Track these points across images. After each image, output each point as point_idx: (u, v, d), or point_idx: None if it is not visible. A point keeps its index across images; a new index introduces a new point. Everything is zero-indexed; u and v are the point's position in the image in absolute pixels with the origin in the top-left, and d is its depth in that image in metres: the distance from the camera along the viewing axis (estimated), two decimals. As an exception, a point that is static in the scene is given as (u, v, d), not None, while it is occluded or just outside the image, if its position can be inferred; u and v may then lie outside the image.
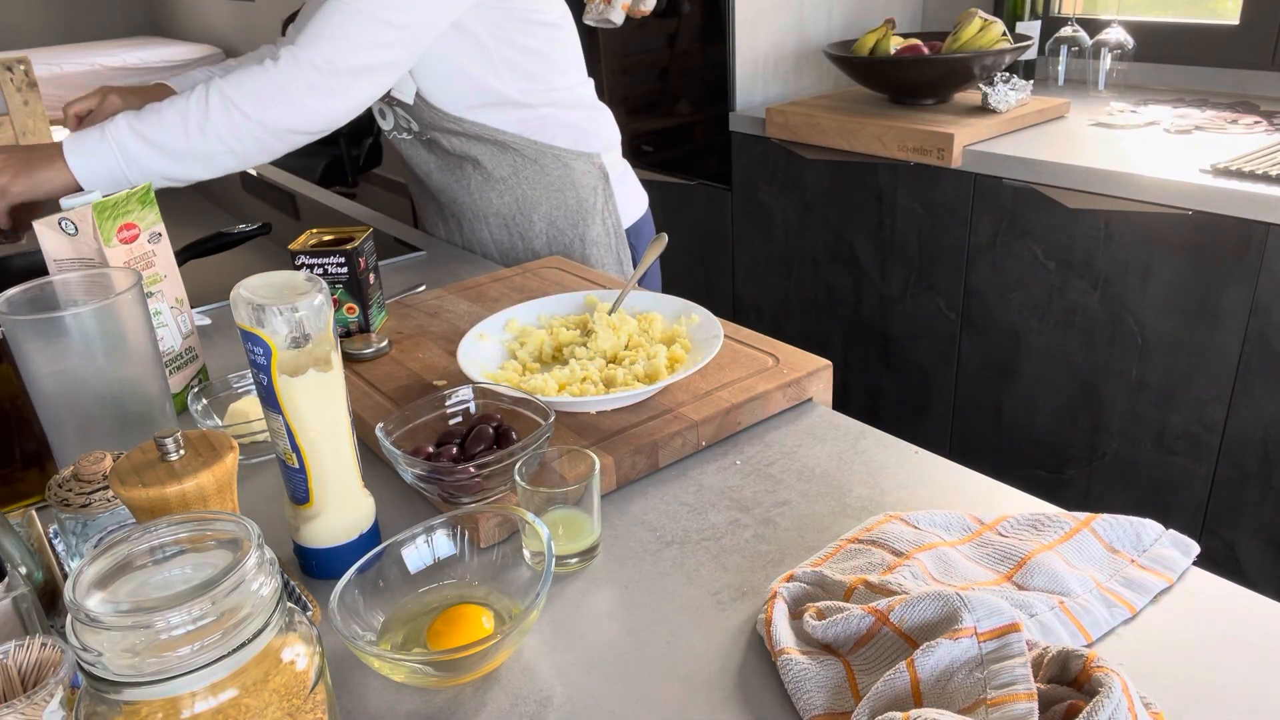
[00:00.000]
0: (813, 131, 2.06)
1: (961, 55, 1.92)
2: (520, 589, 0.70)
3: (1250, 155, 1.61)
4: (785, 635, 0.63)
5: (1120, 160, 1.67)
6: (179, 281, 1.03)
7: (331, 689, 0.53)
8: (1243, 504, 1.63)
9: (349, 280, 1.08)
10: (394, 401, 0.95)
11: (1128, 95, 2.14)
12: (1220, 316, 1.57)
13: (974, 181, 1.84)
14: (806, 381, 0.96)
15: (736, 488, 0.84)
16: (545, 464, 0.77)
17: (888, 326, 2.11)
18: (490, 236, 1.44)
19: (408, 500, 0.85)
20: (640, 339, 0.99)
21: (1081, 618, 0.64)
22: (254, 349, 0.66)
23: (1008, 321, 1.87)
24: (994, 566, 0.69)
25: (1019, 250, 1.81)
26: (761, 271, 2.37)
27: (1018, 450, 1.95)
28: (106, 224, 0.93)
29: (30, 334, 0.78)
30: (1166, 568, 0.69)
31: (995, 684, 0.53)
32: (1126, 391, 1.72)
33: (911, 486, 0.82)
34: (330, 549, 0.73)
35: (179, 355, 1.02)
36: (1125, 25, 2.16)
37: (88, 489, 0.70)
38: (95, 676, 0.44)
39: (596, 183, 1.43)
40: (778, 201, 2.26)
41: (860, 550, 0.71)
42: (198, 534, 0.50)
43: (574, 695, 0.63)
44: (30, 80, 2.28)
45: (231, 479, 0.64)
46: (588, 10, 1.37)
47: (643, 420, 0.88)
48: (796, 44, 2.34)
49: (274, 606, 0.48)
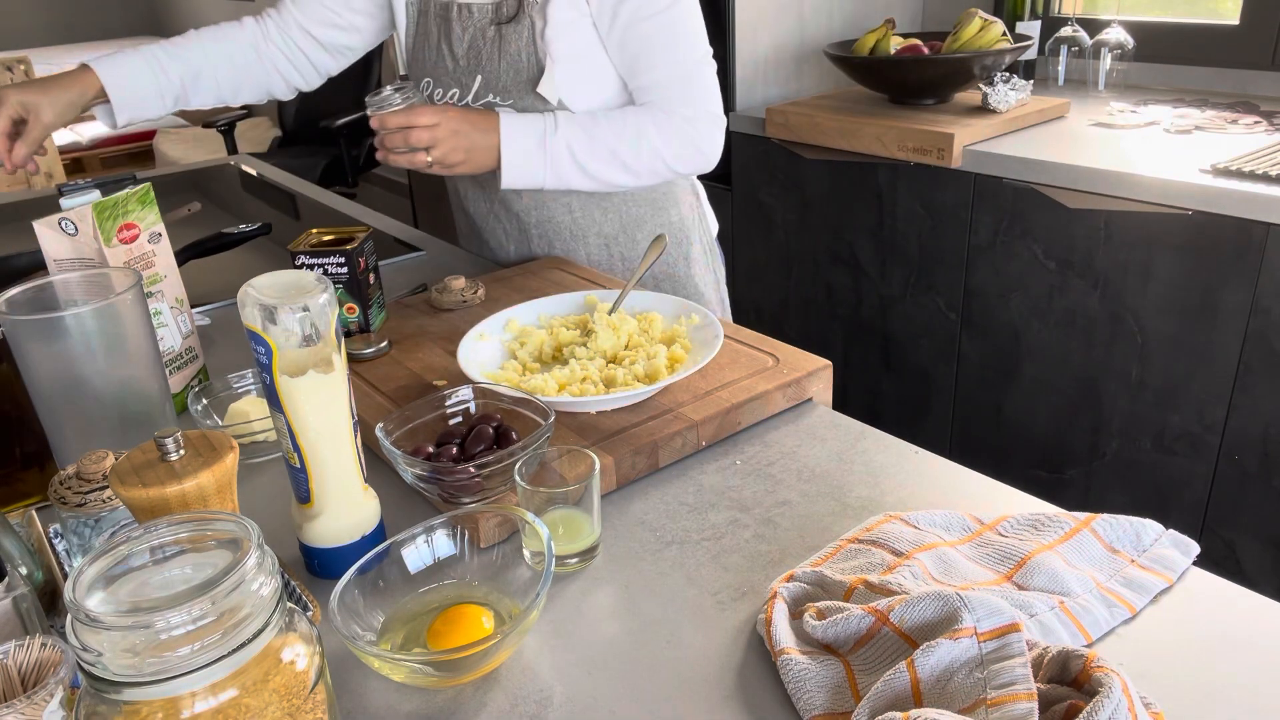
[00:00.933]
0: (813, 131, 2.06)
1: (961, 55, 1.92)
2: (520, 589, 0.70)
3: (1250, 155, 1.61)
4: (785, 635, 0.63)
5: (1120, 160, 1.67)
6: (179, 281, 1.03)
7: (331, 689, 0.53)
8: (1243, 504, 1.63)
9: (349, 280, 1.08)
10: (394, 401, 0.95)
11: (1128, 95, 2.14)
12: (1220, 316, 1.57)
13: (974, 181, 1.84)
14: (806, 381, 0.96)
15: (736, 488, 0.84)
16: (545, 464, 0.77)
17: (888, 326, 2.11)
18: (588, 257, 1.36)
19: (408, 500, 0.85)
20: (640, 339, 0.99)
21: (1081, 618, 0.64)
22: (257, 348, 0.66)
23: (1008, 321, 1.87)
24: (994, 566, 0.69)
25: (1019, 250, 1.81)
26: (761, 271, 2.37)
27: (1018, 450, 1.95)
28: (106, 224, 0.93)
29: (30, 334, 0.78)
30: (1166, 568, 0.69)
31: (995, 684, 0.53)
32: (1126, 391, 1.73)
33: (911, 486, 0.82)
34: (333, 549, 0.73)
35: (179, 355, 1.02)
36: (1125, 25, 2.16)
37: (88, 488, 0.70)
38: (95, 676, 0.44)
39: (692, 199, 1.41)
40: (778, 201, 2.26)
41: (860, 550, 0.71)
42: (198, 534, 0.50)
43: (574, 695, 0.63)
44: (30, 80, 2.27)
45: (231, 479, 0.64)
46: None
47: (643, 420, 0.88)
48: (797, 44, 2.34)
49: (274, 606, 0.48)
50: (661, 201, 1.36)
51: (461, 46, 1.25)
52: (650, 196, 1.35)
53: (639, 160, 1.21)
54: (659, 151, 1.21)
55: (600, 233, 1.35)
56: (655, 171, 1.24)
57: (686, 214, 1.39)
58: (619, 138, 1.20)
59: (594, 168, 1.21)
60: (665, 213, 1.36)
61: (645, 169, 1.23)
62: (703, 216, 1.43)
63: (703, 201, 1.45)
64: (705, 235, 1.43)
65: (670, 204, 1.36)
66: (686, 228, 1.39)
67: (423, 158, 1.14)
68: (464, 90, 1.26)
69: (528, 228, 1.36)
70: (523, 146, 1.17)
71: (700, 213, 1.43)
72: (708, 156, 1.25)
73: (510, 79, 1.22)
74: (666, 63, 1.21)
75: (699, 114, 1.23)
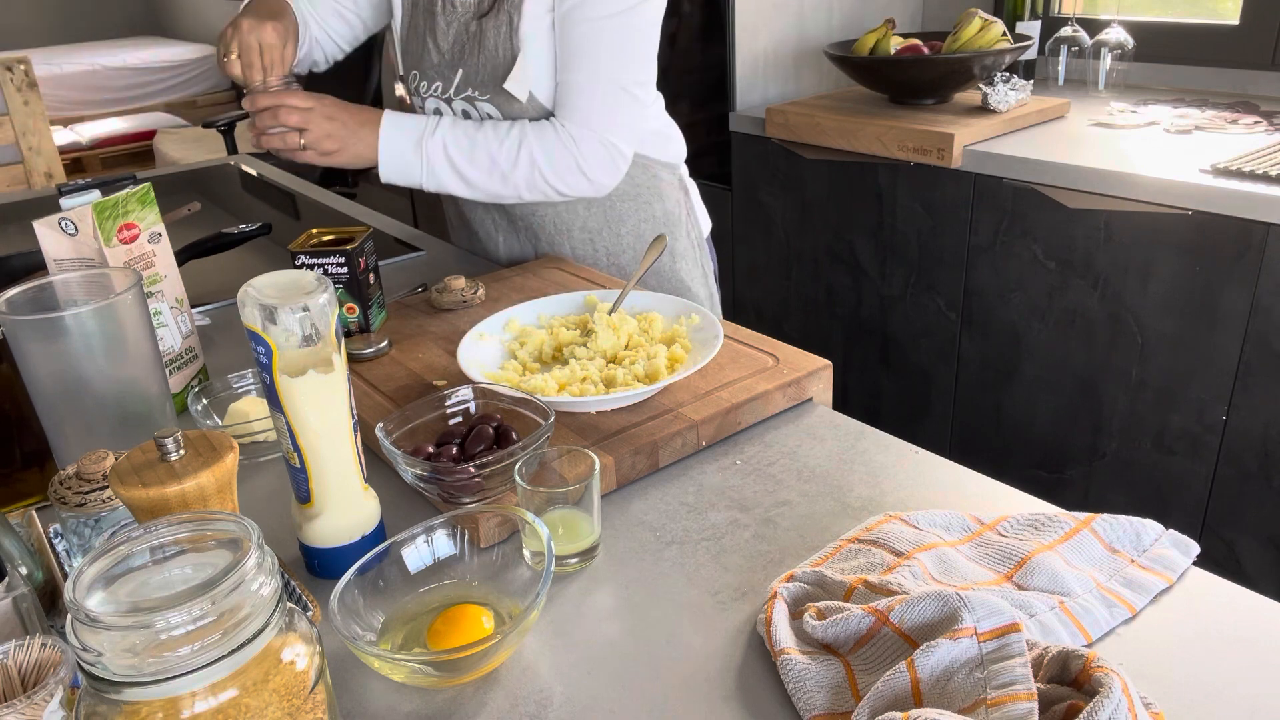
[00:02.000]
0: (813, 131, 2.06)
1: (961, 55, 1.92)
2: (520, 589, 0.70)
3: (1250, 155, 1.61)
4: (785, 635, 0.63)
5: (1120, 160, 1.67)
6: (179, 281, 1.03)
7: (331, 689, 0.53)
8: (1243, 504, 1.63)
9: (349, 280, 1.08)
10: (394, 401, 0.95)
11: (1128, 95, 2.14)
12: (1220, 316, 1.57)
13: (974, 181, 1.84)
14: (806, 381, 0.96)
15: (736, 488, 0.84)
16: (545, 464, 0.77)
17: (888, 326, 2.11)
18: (572, 251, 1.38)
19: (408, 500, 0.85)
20: (640, 339, 0.99)
21: (1081, 618, 0.64)
22: (257, 348, 0.66)
23: (1008, 321, 1.87)
24: (994, 566, 0.69)
25: (1019, 250, 1.81)
26: (761, 271, 2.37)
27: (1018, 450, 1.95)
28: (106, 224, 0.93)
29: (30, 334, 0.78)
30: (1166, 568, 0.69)
31: (995, 684, 0.53)
32: (1126, 391, 1.73)
33: (911, 486, 0.82)
34: (332, 549, 0.73)
35: (179, 355, 1.02)
36: (1125, 25, 2.16)
37: (88, 488, 0.70)
38: (95, 676, 0.44)
39: (679, 195, 1.40)
40: (778, 201, 2.26)
41: (860, 550, 0.71)
42: (198, 534, 0.50)
43: (574, 695, 0.63)
44: (30, 80, 2.28)
45: (231, 479, 0.64)
46: None
47: (643, 420, 0.88)
48: (796, 44, 2.34)
49: (274, 606, 0.48)
50: (645, 196, 1.36)
51: (446, 40, 1.26)
52: (633, 191, 1.35)
53: (516, 170, 1.20)
54: (537, 163, 1.20)
55: (584, 226, 1.36)
56: (534, 185, 1.21)
57: (672, 209, 1.39)
58: (500, 145, 1.20)
59: (471, 174, 1.20)
60: (649, 207, 1.37)
61: (523, 180, 1.21)
62: (691, 212, 1.43)
63: (692, 198, 1.44)
64: (694, 231, 1.43)
65: (654, 198, 1.37)
66: (672, 223, 1.39)
67: (295, 139, 1.16)
68: (446, 84, 1.28)
69: (514, 220, 1.38)
70: (399, 145, 1.19)
71: (688, 208, 1.43)
72: (594, 182, 1.23)
73: (488, 74, 1.23)
74: (583, 70, 1.19)
75: (590, 135, 1.20)
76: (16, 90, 2.25)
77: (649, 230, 1.37)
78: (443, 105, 1.30)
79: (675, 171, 1.40)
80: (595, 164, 1.21)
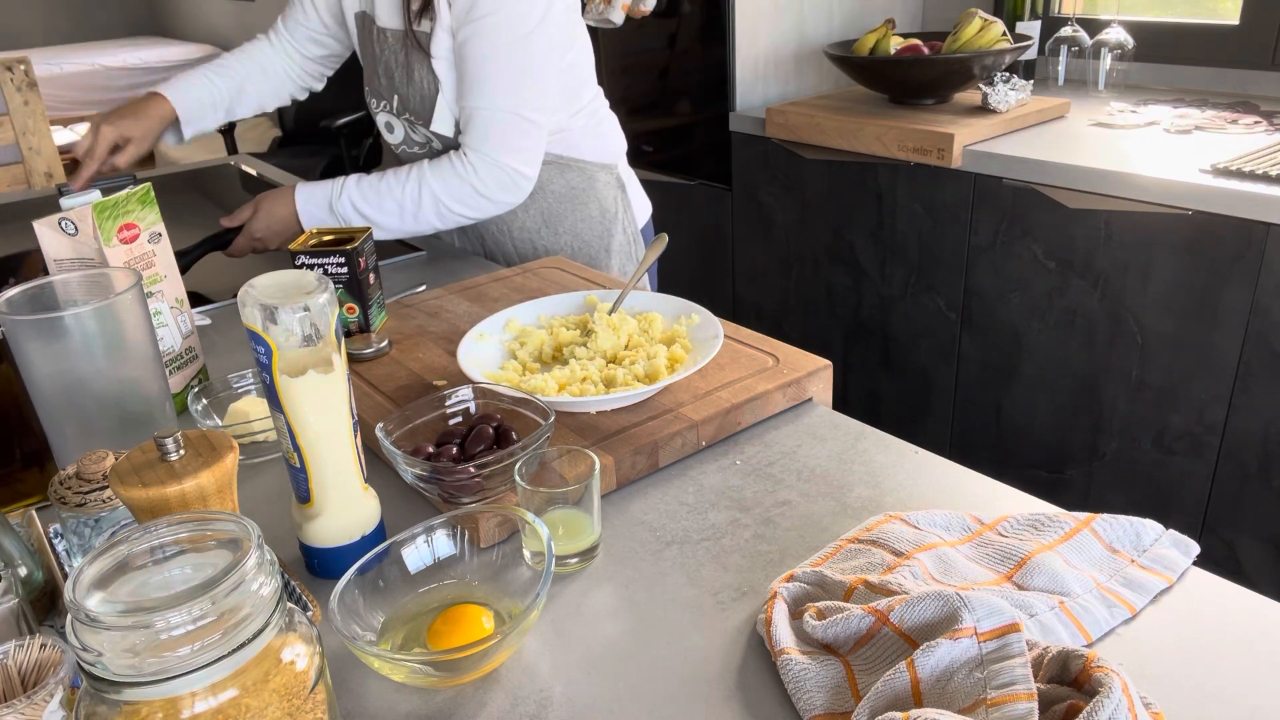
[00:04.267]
0: (813, 131, 2.06)
1: (961, 55, 1.92)
2: (520, 589, 0.70)
3: (1250, 155, 1.61)
4: (785, 635, 0.63)
5: (1120, 160, 1.67)
6: (179, 281, 1.03)
7: (331, 689, 0.53)
8: (1243, 504, 1.63)
9: (349, 280, 1.08)
10: (394, 401, 0.95)
11: (1128, 95, 2.14)
12: (1220, 316, 1.57)
13: (974, 181, 1.84)
14: (806, 381, 0.96)
15: (736, 488, 0.84)
16: (545, 464, 0.77)
17: (888, 326, 2.11)
18: (515, 249, 1.46)
19: (408, 500, 0.85)
20: (640, 339, 0.99)
21: (1081, 618, 0.64)
22: (257, 348, 0.66)
23: (1008, 321, 1.87)
24: (994, 566, 0.69)
25: (1019, 250, 1.81)
26: (761, 271, 2.37)
27: (1018, 450, 1.95)
28: (106, 224, 0.93)
29: (30, 334, 0.78)
30: (1166, 568, 0.69)
31: (995, 684, 0.53)
32: (1126, 391, 1.72)
33: (911, 486, 0.82)
34: (332, 549, 0.73)
35: (179, 355, 1.02)
36: (1125, 25, 2.16)
37: (88, 488, 0.70)
38: (95, 676, 0.44)
39: (615, 192, 1.45)
40: (778, 201, 2.26)
41: (860, 550, 0.71)
42: (198, 534, 0.50)
43: (574, 695, 0.63)
44: (30, 80, 2.28)
45: (231, 479, 0.64)
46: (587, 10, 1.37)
47: (643, 420, 0.88)
48: (797, 44, 2.34)
49: (274, 606, 0.48)
50: (582, 197, 1.42)
51: (383, 67, 1.34)
52: (569, 193, 1.41)
53: (421, 209, 1.27)
54: (437, 195, 1.26)
55: (523, 226, 1.43)
56: (443, 216, 1.28)
57: (609, 206, 1.45)
58: (402, 190, 1.27)
59: (384, 221, 1.28)
60: (585, 207, 1.43)
61: (431, 214, 1.28)
62: (628, 208, 1.49)
63: (629, 193, 1.49)
64: (630, 227, 1.49)
65: (590, 199, 1.43)
66: (608, 221, 1.45)
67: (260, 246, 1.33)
68: (389, 105, 1.37)
69: None
70: (316, 215, 1.29)
71: (625, 204, 1.48)
72: (495, 202, 1.28)
73: (418, 103, 1.32)
74: (481, 97, 1.24)
75: (486, 160, 1.25)
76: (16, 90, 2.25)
77: (586, 229, 1.44)
78: (393, 120, 1.38)
79: (612, 171, 1.45)
80: (493, 187, 1.27)
